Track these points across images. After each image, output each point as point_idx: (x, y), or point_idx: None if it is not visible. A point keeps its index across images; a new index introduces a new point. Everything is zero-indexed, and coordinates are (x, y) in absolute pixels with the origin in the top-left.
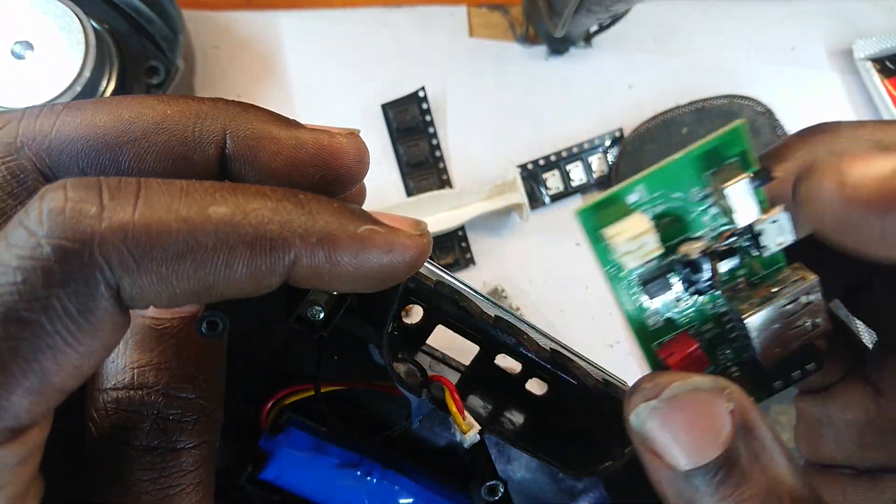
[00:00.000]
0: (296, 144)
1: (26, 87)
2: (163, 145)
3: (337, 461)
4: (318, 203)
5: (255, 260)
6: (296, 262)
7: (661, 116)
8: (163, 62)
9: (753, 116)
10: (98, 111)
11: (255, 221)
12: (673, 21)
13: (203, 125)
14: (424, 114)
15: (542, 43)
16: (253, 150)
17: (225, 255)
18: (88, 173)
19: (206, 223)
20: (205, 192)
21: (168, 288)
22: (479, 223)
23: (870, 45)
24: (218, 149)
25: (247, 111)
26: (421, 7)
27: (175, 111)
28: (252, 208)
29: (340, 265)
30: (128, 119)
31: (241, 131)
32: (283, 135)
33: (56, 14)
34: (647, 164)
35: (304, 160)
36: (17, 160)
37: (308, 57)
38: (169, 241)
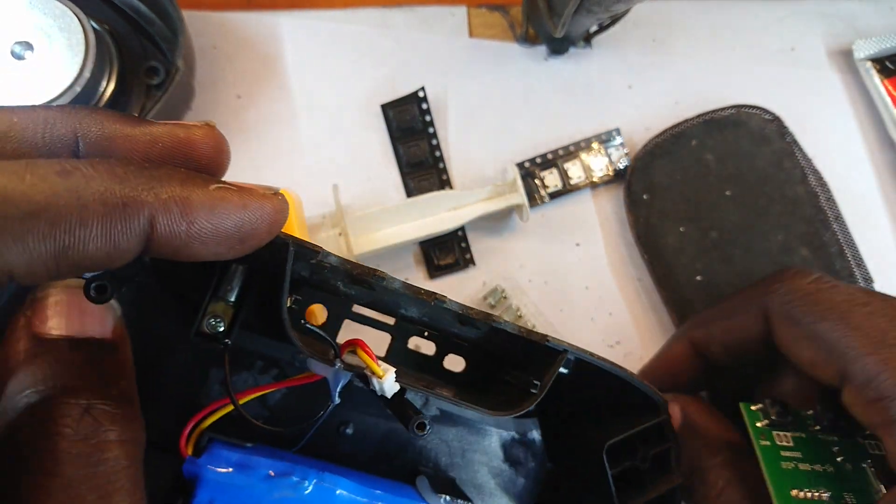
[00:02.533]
0: (150, 140)
1: (26, 87)
2: (12, 153)
3: (269, 472)
4: (169, 169)
5: (110, 217)
6: (153, 225)
7: (670, 131)
8: (163, 62)
9: (762, 125)
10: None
11: (107, 178)
12: (673, 21)
13: (52, 130)
14: (424, 114)
15: (542, 43)
16: (107, 150)
17: (78, 211)
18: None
19: (58, 183)
20: (50, 162)
21: (25, 249)
22: (479, 223)
23: (870, 45)
24: (70, 152)
25: (95, 113)
26: (421, 7)
27: (21, 119)
28: (102, 169)
29: (196, 224)
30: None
31: (91, 133)
32: (136, 132)
33: (56, 14)
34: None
35: (160, 155)
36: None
37: (308, 57)
38: (22, 200)
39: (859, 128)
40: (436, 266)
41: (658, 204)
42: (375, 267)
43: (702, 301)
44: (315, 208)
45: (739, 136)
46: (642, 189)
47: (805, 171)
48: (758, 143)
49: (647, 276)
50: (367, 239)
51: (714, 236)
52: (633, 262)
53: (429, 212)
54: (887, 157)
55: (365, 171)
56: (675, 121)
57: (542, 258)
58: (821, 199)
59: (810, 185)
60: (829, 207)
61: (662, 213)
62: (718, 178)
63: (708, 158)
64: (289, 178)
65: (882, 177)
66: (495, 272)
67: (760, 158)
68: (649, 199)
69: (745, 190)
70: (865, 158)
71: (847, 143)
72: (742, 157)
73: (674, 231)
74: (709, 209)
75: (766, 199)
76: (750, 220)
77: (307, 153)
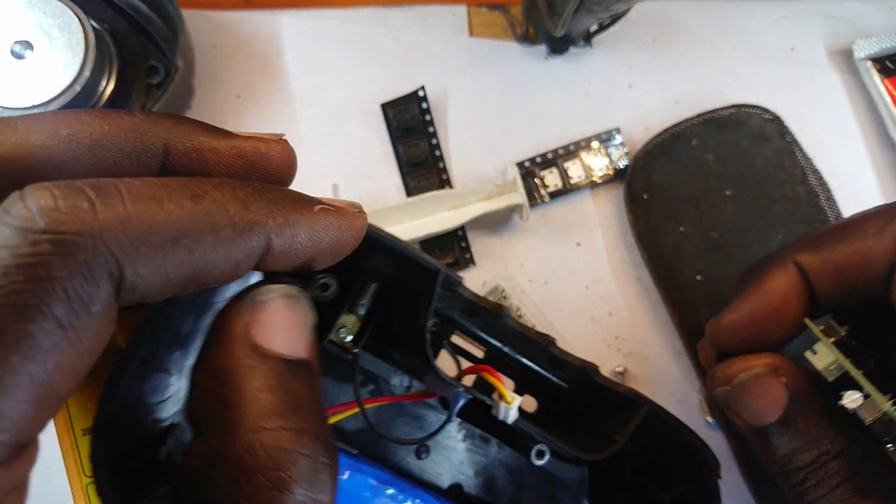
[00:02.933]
0: (236, 153)
1: (26, 87)
2: (104, 162)
3: (373, 481)
4: (279, 191)
5: (237, 240)
6: (269, 245)
7: (670, 130)
8: (162, 62)
9: (762, 124)
10: (32, 129)
11: (233, 202)
12: (673, 21)
13: (142, 140)
14: (424, 113)
15: (542, 42)
16: (194, 162)
17: (212, 239)
18: None
19: (194, 209)
20: (180, 184)
21: (163, 273)
22: (478, 223)
23: (870, 45)
24: (159, 162)
25: (182, 124)
26: (421, 6)
27: (112, 127)
28: (228, 192)
29: (300, 242)
30: (66, 137)
31: (181, 144)
32: (223, 145)
33: (56, 14)
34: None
35: (243, 168)
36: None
37: (308, 56)
38: (164, 227)
39: (859, 128)
40: None
41: (658, 204)
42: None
43: (702, 301)
44: None
45: (739, 135)
46: (642, 189)
47: (805, 171)
48: (758, 142)
49: (647, 276)
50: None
51: (714, 236)
52: (633, 262)
53: (429, 211)
54: (887, 156)
55: (365, 170)
56: (676, 120)
57: (543, 258)
58: (821, 199)
59: (810, 185)
60: (830, 207)
61: (662, 213)
62: (718, 177)
63: (708, 158)
64: None
65: (882, 177)
66: (495, 272)
67: (761, 158)
68: (649, 198)
69: (746, 190)
70: (865, 158)
71: (847, 143)
72: (742, 157)
73: (674, 231)
74: (709, 209)
75: (766, 198)
76: (750, 220)
77: (307, 152)
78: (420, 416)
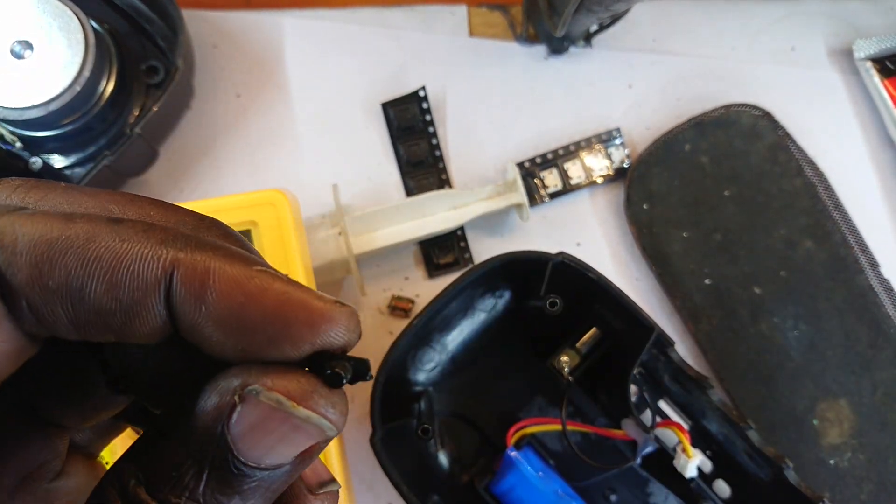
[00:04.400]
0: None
1: (26, 87)
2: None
3: (558, 490)
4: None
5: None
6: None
7: (662, 139)
8: (162, 62)
9: (752, 121)
10: (52, 225)
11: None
12: (673, 21)
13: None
14: (424, 113)
15: (542, 42)
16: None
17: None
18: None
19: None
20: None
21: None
22: (478, 223)
23: (870, 45)
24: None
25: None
26: (421, 6)
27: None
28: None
29: (213, 291)
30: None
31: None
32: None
33: (56, 14)
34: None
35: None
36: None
37: (308, 56)
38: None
39: (859, 128)
40: (435, 265)
41: (659, 212)
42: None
43: (712, 305)
44: (315, 208)
45: (731, 135)
46: (641, 200)
47: (801, 163)
48: (750, 139)
49: (646, 276)
50: (367, 238)
51: (718, 238)
52: (633, 261)
53: (429, 211)
54: (888, 156)
55: (365, 170)
56: (676, 120)
57: None
58: (819, 190)
59: (807, 177)
60: (829, 197)
61: (664, 221)
62: (715, 179)
63: (703, 161)
64: (289, 177)
65: (883, 177)
66: None
67: (755, 155)
68: (649, 208)
69: (743, 188)
70: (866, 158)
71: (847, 144)
72: (736, 156)
73: (677, 237)
74: (709, 211)
75: (764, 194)
76: (751, 218)
77: (307, 152)
78: (608, 454)
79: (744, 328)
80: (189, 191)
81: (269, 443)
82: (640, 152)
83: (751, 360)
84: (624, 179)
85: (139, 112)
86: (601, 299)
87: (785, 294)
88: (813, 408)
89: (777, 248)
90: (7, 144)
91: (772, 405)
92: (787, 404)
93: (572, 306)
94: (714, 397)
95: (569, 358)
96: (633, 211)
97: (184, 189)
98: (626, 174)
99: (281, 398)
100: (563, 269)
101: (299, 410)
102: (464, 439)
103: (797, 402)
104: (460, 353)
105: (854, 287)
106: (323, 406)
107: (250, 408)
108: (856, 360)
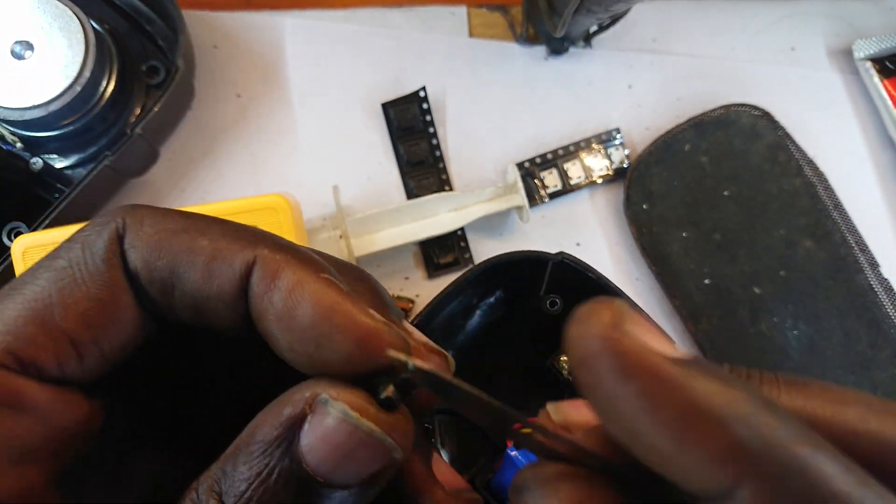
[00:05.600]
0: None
1: (26, 87)
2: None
3: None
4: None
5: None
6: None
7: (662, 139)
8: (163, 62)
9: (752, 121)
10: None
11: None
12: (673, 21)
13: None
14: (425, 113)
15: (542, 43)
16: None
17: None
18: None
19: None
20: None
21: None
22: (478, 223)
23: (870, 45)
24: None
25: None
26: (421, 7)
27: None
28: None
29: (280, 291)
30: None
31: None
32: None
33: (56, 14)
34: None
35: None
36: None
37: (308, 56)
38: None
39: (859, 128)
40: (435, 265)
41: (658, 212)
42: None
43: (712, 305)
44: (315, 209)
45: (731, 134)
46: (641, 200)
47: (800, 163)
48: (750, 139)
49: (646, 276)
50: (368, 240)
51: (717, 238)
52: (633, 261)
53: (429, 213)
54: (887, 156)
55: (365, 170)
56: (675, 120)
57: None
58: (818, 189)
59: (807, 177)
60: (828, 196)
61: (664, 221)
62: (715, 179)
63: (702, 161)
64: (289, 178)
65: (883, 177)
66: None
67: (754, 155)
68: (649, 208)
69: (743, 188)
70: (866, 158)
71: (847, 144)
72: (736, 156)
73: (677, 237)
74: (709, 211)
75: (764, 194)
76: (751, 218)
77: (307, 152)
78: None
79: (743, 328)
80: (190, 191)
81: (336, 458)
82: (640, 152)
83: (750, 360)
84: (624, 179)
85: (140, 112)
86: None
87: (784, 294)
88: None
89: (777, 247)
90: (7, 145)
91: None
92: None
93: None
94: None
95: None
96: (632, 211)
97: (184, 189)
98: (625, 174)
99: (347, 409)
100: (563, 269)
101: (363, 423)
102: (464, 438)
103: None
104: (460, 353)
105: (854, 287)
106: (384, 424)
107: (319, 418)
108: (855, 359)
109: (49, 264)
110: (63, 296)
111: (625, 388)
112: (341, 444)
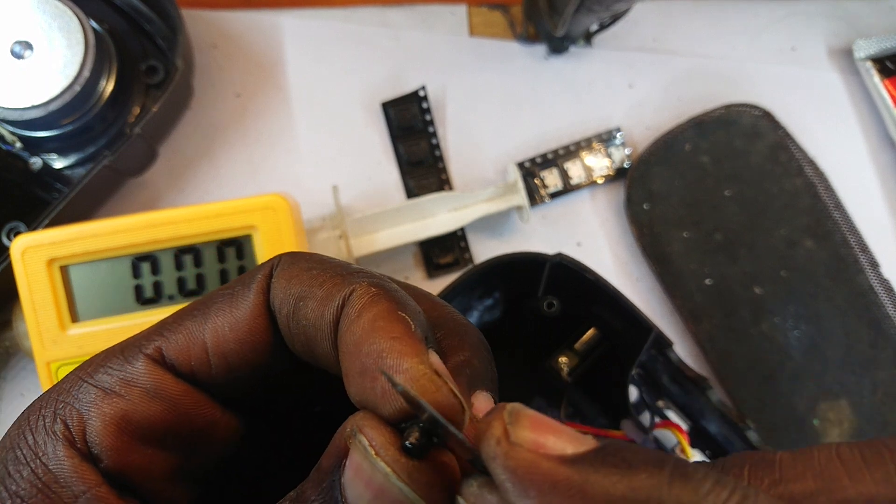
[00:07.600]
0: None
1: (26, 87)
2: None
3: None
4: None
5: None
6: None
7: (663, 138)
8: (162, 62)
9: (752, 121)
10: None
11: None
12: (673, 21)
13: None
14: (424, 113)
15: (542, 42)
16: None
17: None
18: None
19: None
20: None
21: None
22: (478, 223)
23: (870, 45)
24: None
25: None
26: (421, 6)
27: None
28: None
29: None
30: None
31: None
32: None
33: (56, 14)
34: (656, 188)
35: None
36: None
37: (308, 56)
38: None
39: (859, 127)
40: (435, 265)
41: (659, 212)
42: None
43: (713, 305)
44: (315, 209)
45: (732, 134)
46: (642, 199)
47: (801, 163)
48: (751, 139)
49: (646, 276)
50: (367, 240)
51: (718, 238)
52: (634, 261)
53: (429, 213)
54: (888, 156)
55: (365, 170)
56: (676, 120)
57: None
58: (819, 189)
59: (807, 177)
60: (829, 196)
61: (664, 220)
62: (716, 179)
63: (703, 161)
64: (288, 178)
65: (883, 176)
66: None
67: (755, 154)
68: (650, 208)
69: (744, 188)
70: (866, 158)
71: (847, 143)
72: (737, 156)
73: (678, 237)
74: (710, 211)
75: (765, 194)
76: (752, 218)
77: (307, 151)
78: None
79: (744, 328)
80: (189, 191)
81: (366, 495)
82: (641, 152)
83: (751, 361)
84: (624, 179)
85: (139, 112)
86: (599, 300)
87: (785, 294)
88: (814, 408)
89: (778, 247)
90: (7, 145)
91: (772, 405)
92: (788, 404)
93: (571, 307)
94: (713, 398)
95: (568, 359)
96: (633, 211)
97: (183, 189)
98: (626, 174)
99: (366, 442)
100: (561, 270)
101: (378, 462)
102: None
103: (798, 402)
104: None
105: (854, 287)
106: (402, 469)
107: (352, 452)
108: (856, 360)
109: (225, 289)
110: (216, 312)
111: (527, 502)
112: (369, 481)
